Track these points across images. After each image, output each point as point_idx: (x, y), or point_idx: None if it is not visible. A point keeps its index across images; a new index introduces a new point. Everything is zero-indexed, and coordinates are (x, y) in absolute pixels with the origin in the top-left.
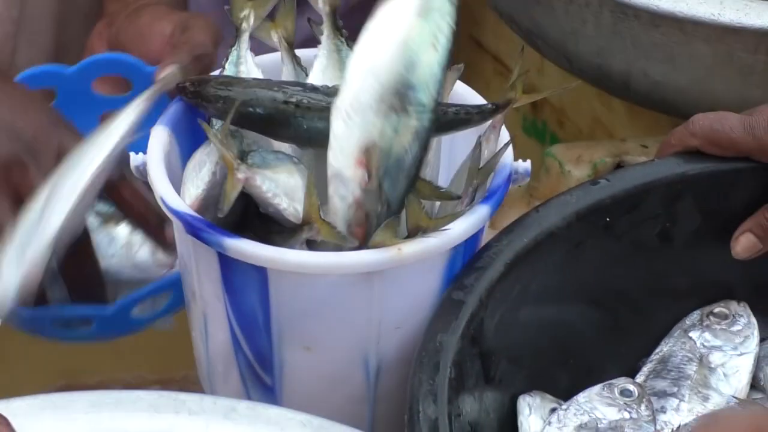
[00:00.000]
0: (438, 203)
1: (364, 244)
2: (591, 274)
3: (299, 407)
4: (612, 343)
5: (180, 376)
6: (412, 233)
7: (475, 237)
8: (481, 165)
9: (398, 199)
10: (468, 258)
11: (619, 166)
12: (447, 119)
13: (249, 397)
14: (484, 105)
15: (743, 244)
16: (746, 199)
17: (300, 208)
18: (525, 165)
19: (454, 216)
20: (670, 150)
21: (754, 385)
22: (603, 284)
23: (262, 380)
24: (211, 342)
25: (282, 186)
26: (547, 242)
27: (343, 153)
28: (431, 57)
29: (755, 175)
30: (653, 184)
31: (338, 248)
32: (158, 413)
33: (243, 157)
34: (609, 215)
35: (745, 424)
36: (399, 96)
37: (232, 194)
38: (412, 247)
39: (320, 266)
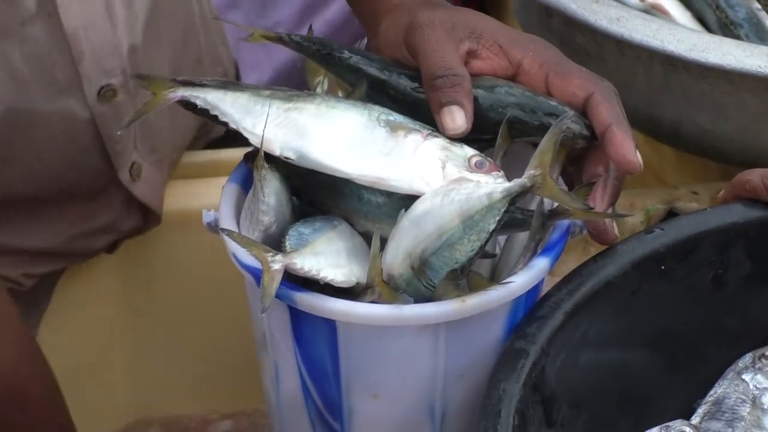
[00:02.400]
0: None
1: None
2: (647, 320)
3: None
4: (668, 386)
5: (251, 409)
6: (476, 287)
7: (535, 288)
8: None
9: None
10: (529, 307)
11: (670, 212)
12: (507, 221)
13: None
14: (543, 210)
15: None
16: None
17: (347, 272)
18: (582, 221)
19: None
20: (747, 193)
21: None
22: (659, 329)
23: (331, 427)
24: (282, 389)
25: (324, 258)
26: (605, 291)
27: (394, 258)
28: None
29: None
30: (706, 232)
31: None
32: None
33: (283, 232)
34: (663, 263)
35: None
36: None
37: (272, 288)
38: (475, 299)
39: (387, 318)
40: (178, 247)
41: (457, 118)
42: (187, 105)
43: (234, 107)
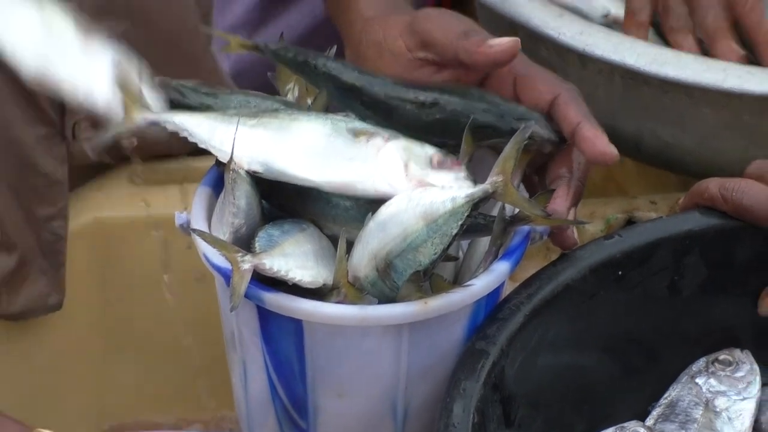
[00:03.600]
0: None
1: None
2: (604, 324)
3: None
4: (624, 388)
5: (218, 416)
6: (438, 290)
7: (496, 291)
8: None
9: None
10: (490, 310)
11: (630, 221)
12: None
13: None
14: (504, 216)
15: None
16: (749, 254)
17: (314, 273)
18: (543, 228)
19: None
20: (703, 202)
21: (756, 428)
22: (615, 333)
23: (297, 424)
24: (250, 387)
25: (293, 260)
26: (563, 295)
27: (360, 260)
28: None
29: (757, 233)
30: (662, 240)
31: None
32: None
33: (252, 233)
34: (621, 269)
35: None
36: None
37: (241, 287)
38: (437, 301)
39: (352, 319)
40: (148, 248)
41: (503, 41)
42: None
43: (201, 128)
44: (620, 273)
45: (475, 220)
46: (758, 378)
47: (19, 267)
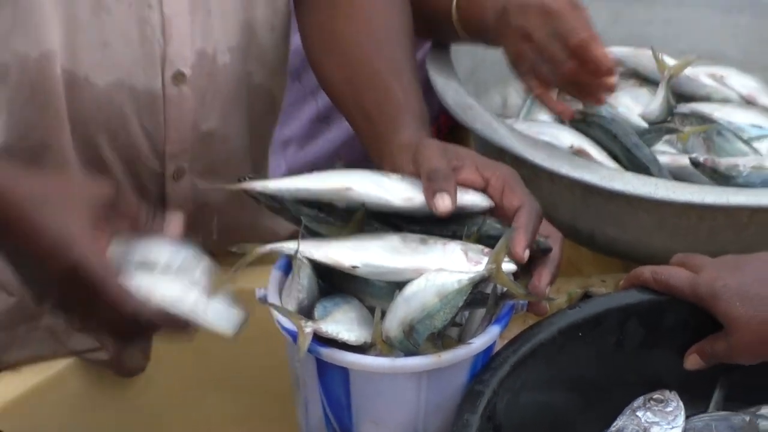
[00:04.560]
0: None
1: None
2: (569, 371)
3: None
4: (584, 419)
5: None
6: (448, 347)
7: (490, 347)
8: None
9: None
10: (485, 361)
11: (586, 295)
12: (471, 300)
13: None
14: (496, 293)
15: (692, 361)
16: (674, 320)
17: (357, 334)
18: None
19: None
20: (641, 282)
21: None
22: (578, 377)
23: None
24: (310, 418)
25: (342, 325)
26: (539, 350)
27: (390, 325)
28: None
29: (681, 305)
30: (610, 310)
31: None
32: None
33: (312, 305)
34: (581, 330)
35: None
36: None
37: (305, 345)
38: (447, 355)
39: (385, 367)
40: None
41: (446, 200)
42: (253, 195)
43: (308, 183)
44: (580, 334)
45: (475, 296)
46: (683, 412)
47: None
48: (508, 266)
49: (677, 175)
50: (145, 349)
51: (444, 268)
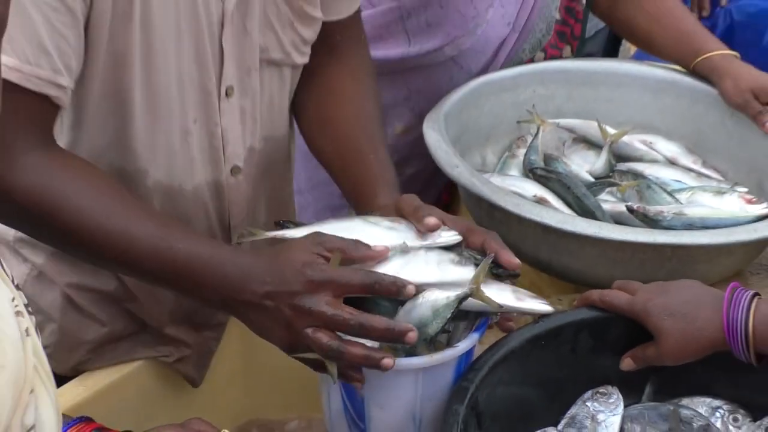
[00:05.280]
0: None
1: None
2: (535, 371)
3: None
4: (546, 408)
5: (317, 417)
6: (438, 349)
7: (471, 350)
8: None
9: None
10: (468, 360)
11: None
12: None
13: None
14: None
15: (626, 364)
16: (616, 333)
17: (371, 341)
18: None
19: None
20: (590, 302)
21: (624, 430)
22: (541, 376)
23: (359, 426)
24: (332, 405)
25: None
26: (511, 355)
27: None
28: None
29: (623, 320)
30: (566, 324)
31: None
32: None
33: None
34: (543, 340)
35: None
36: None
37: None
38: (438, 356)
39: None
40: None
41: (432, 219)
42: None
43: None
44: (543, 342)
45: (460, 310)
46: (622, 403)
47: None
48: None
49: (617, 218)
50: (201, 369)
51: (436, 287)
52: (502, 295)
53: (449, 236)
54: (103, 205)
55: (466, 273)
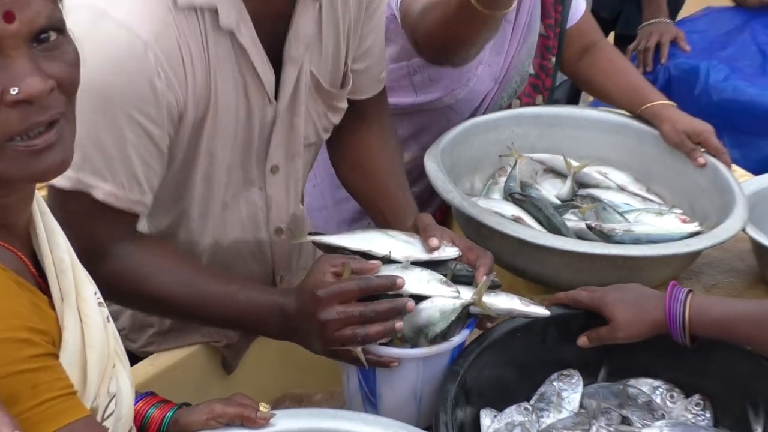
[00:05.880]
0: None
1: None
2: (513, 358)
3: (388, 415)
4: (521, 387)
5: (338, 390)
6: (434, 342)
7: (462, 343)
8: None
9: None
10: (460, 350)
11: None
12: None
13: (365, 410)
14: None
15: (582, 341)
16: (577, 326)
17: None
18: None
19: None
20: (557, 301)
21: (582, 405)
22: (517, 361)
23: (372, 401)
24: (350, 384)
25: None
26: (492, 345)
27: (405, 328)
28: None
29: (582, 317)
30: (540, 319)
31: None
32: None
33: None
34: (519, 332)
35: None
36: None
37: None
38: (436, 348)
39: (398, 354)
40: None
41: (435, 240)
42: (318, 244)
43: (353, 242)
44: (519, 335)
45: (462, 313)
46: (581, 383)
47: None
48: (452, 251)
49: (578, 234)
50: (238, 357)
51: (443, 294)
52: (507, 301)
53: (450, 252)
54: (178, 276)
55: (448, 291)
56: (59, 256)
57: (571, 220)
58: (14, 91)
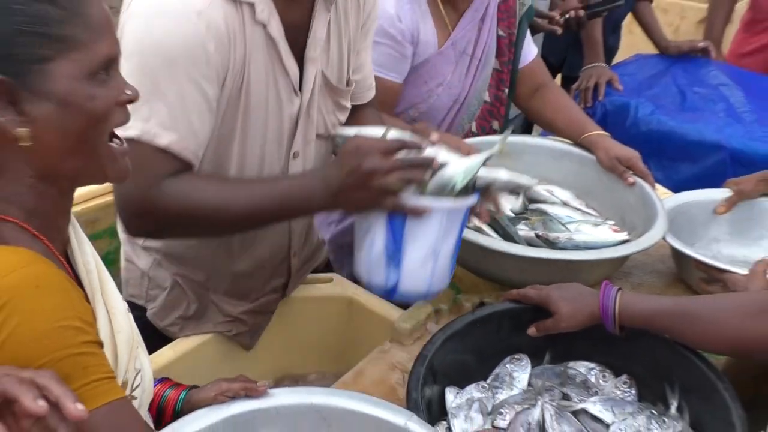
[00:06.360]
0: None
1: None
2: (473, 344)
3: (408, 279)
4: (479, 369)
5: (343, 371)
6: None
7: (468, 210)
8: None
9: None
10: (466, 218)
11: (482, 302)
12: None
13: (387, 276)
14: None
15: (531, 331)
16: (527, 318)
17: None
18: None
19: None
20: (511, 297)
21: (530, 384)
22: (476, 347)
23: (394, 260)
24: (374, 249)
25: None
26: (455, 334)
27: (434, 184)
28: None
29: (531, 311)
30: (495, 312)
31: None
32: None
33: None
34: (479, 323)
35: None
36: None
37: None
38: (458, 203)
39: (429, 204)
40: (307, 305)
41: (436, 135)
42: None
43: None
44: (478, 325)
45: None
46: (529, 365)
47: (236, 334)
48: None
49: (529, 241)
50: (254, 336)
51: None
52: (505, 173)
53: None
54: (226, 185)
55: (468, 158)
56: (86, 260)
57: (523, 229)
58: (129, 92)
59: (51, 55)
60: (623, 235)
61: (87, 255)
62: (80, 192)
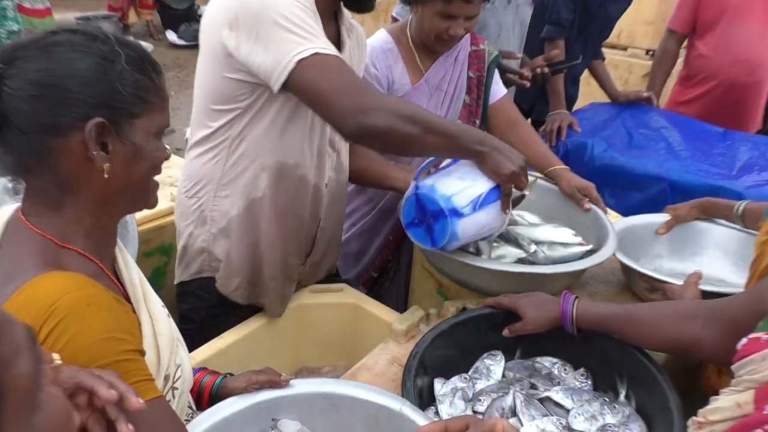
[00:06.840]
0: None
1: None
2: (458, 342)
3: (463, 224)
4: (463, 363)
5: (336, 365)
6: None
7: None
8: None
9: None
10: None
11: (464, 308)
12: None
13: (462, 207)
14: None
15: (505, 332)
16: (500, 321)
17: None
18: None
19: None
20: (487, 304)
21: (504, 376)
22: (460, 345)
23: (471, 208)
24: (473, 188)
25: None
26: (441, 334)
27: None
28: None
29: (504, 315)
30: (474, 316)
31: None
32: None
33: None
34: (462, 325)
35: None
36: None
37: None
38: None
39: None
40: (321, 310)
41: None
42: None
43: None
44: (461, 327)
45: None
46: (503, 360)
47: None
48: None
49: (520, 259)
50: (284, 302)
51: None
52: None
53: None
54: (423, 110)
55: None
56: (131, 275)
57: (496, 246)
58: (168, 151)
59: (139, 113)
60: (589, 246)
61: (132, 271)
62: (138, 216)
